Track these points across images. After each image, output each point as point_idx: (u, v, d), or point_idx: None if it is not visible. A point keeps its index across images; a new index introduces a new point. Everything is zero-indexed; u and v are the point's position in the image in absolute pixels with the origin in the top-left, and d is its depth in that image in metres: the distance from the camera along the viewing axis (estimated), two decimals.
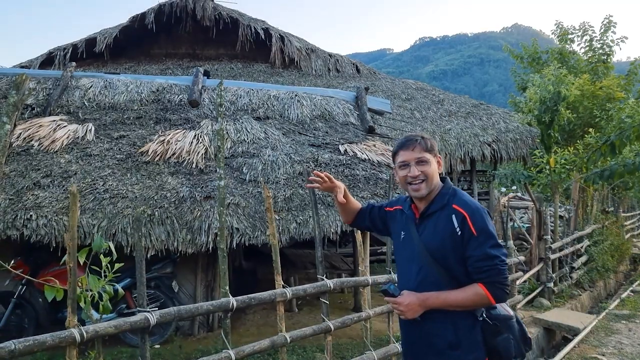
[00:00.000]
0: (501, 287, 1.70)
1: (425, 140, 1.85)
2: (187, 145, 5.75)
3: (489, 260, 1.68)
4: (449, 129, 9.68)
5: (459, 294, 1.70)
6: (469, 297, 1.69)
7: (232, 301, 2.57)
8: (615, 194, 11.92)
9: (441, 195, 1.83)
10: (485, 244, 1.69)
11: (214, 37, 11.50)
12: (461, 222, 1.72)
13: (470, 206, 1.76)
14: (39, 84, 6.70)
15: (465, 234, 1.71)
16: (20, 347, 1.66)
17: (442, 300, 1.72)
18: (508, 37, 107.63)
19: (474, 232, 1.70)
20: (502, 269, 1.69)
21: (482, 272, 1.68)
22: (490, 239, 1.70)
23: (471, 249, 1.70)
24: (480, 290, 1.68)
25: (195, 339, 5.02)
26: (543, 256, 6.49)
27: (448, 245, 1.73)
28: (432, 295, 1.73)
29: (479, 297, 1.69)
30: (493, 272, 1.68)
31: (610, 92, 9.75)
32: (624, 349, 4.85)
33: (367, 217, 2.17)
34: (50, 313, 4.71)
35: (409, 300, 1.75)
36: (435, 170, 1.84)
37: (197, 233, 4.62)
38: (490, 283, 1.68)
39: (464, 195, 1.82)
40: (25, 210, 4.45)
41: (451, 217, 1.74)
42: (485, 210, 1.79)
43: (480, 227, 1.71)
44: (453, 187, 1.86)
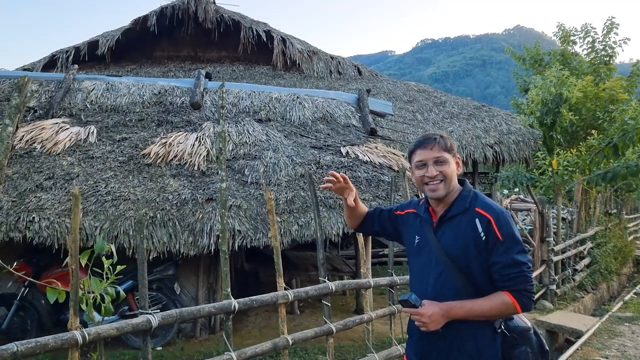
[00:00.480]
0: (528, 295, 1.62)
1: (444, 139, 1.76)
2: (189, 147, 5.76)
3: (516, 267, 1.59)
4: (451, 131, 9.67)
5: (485, 303, 1.61)
6: (495, 306, 1.60)
7: (234, 303, 2.57)
8: (618, 196, 11.88)
9: (462, 198, 1.73)
10: (512, 250, 1.60)
11: (215, 40, 11.54)
12: (486, 226, 1.63)
13: (495, 210, 1.67)
14: (42, 87, 6.73)
15: (490, 239, 1.62)
16: (22, 349, 1.66)
17: (467, 310, 1.62)
18: (510, 39, 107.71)
19: (500, 237, 1.61)
20: (529, 276, 1.61)
21: (509, 279, 1.60)
22: (517, 245, 1.62)
23: (497, 255, 1.61)
24: (507, 298, 1.60)
25: (197, 341, 5.01)
26: (545, 258, 6.46)
27: (471, 250, 1.64)
28: (456, 305, 1.63)
29: (506, 306, 1.60)
30: (520, 279, 1.60)
31: (613, 94, 9.72)
32: (627, 352, 4.83)
33: (376, 221, 2.08)
34: (52, 315, 4.72)
35: (432, 311, 1.63)
36: (454, 171, 1.76)
37: (199, 235, 4.62)
38: (518, 291, 1.60)
39: (485, 198, 1.73)
40: (28, 213, 4.47)
41: (474, 221, 1.65)
42: (509, 214, 1.73)
43: (507, 231, 1.62)
44: (473, 189, 1.78)
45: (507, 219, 1.64)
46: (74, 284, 1.82)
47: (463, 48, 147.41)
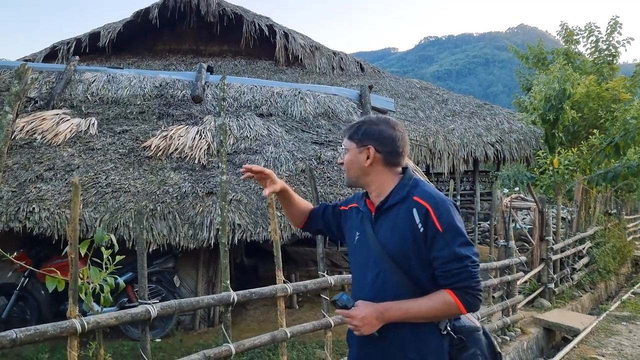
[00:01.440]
0: (473, 294, 1.43)
1: (354, 127, 1.63)
2: (190, 140, 5.76)
3: (458, 261, 1.42)
4: (453, 128, 9.66)
5: (424, 303, 1.44)
6: (436, 307, 1.43)
7: (233, 295, 2.57)
8: (619, 196, 11.88)
9: (400, 187, 1.55)
10: (453, 242, 1.42)
11: (217, 34, 11.51)
12: (424, 216, 1.45)
13: (435, 198, 1.49)
14: (42, 77, 6.72)
15: (429, 230, 1.44)
16: (21, 336, 1.67)
17: (405, 311, 1.45)
18: (514, 38, 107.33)
19: (439, 228, 1.43)
20: (474, 271, 1.43)
21: (451, 275, 1.42)
22: (459, 236, 1.44)
23: (437, 249, 1.44)
24: (449, 297, 1.42)
25: (196, 334, 5.03)
26: (544, 257, 6.47)
27: (410, 245, 1.47)
28: (393, 306, 1.46)
29: (448, 306, 1.43)
30: (463, 275, 1.41)
31: (615, 94, 9.70)
32: (624, 350, 4.84)
33: (320, 218, 1.89)
34: (52, 305, 4.74)
35: (365, 313, 1.47)
36: (351, 162, 1.61)
37: (198, 228, 4.62)
38: (461, 289, 1.42)
39: (426, 186, 1.55)
40: (28, 203, 4.47)
41: (412, 211, 1.47)
42: (452, 202, 1.51)
43: (447, 222, 1.44)
44: (415, 177, 1.60)
45: (448, 208, 1.47)
46: (73, 272, 1.83)
47: (466, 46, 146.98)
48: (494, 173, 11.18)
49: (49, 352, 4.15)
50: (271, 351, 4.24)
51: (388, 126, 1.59)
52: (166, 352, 4.28)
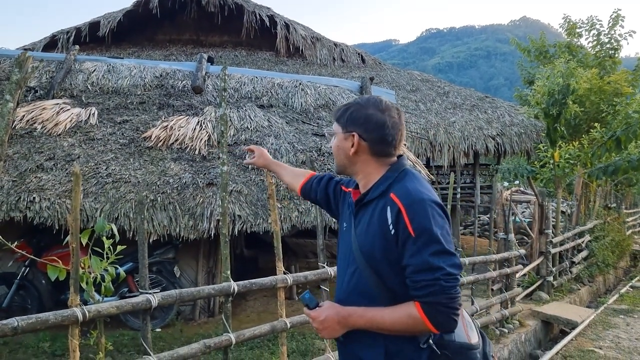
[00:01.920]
0: (444, 311, 1.22)
1: (341, 110, 1.47)
2: (190, 131, 5.74)
3: (429, 272, 1.22)
4: (454, 121, 9.63)
5: (389, 315, 1.27)
6: (400, 321, 1.26)
7: (233, 285, 2.58)
8: (619, 190, 11.89)
9: (382, 180, 1.38)
10: (424, 250, 1.23)
11: (218, 24, 11.42)
12: (396, 217, 1.27)
13: (411, 195, 1.28)
14: (42, 67, 6.68)
15: (400, 233, 1.26)
16: (23, 324, 1.67)
17: (368, 320, 1.30)
18: (516, 30, 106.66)
19: (411, 231, 1.24)
20: (447, 285, 1.21)
21: (420, 287, 1.23)
22: (433, 243, 1.23)
23: (408, 256, 1.25)
24: (414, 312, 1.24)
25: (196, 324, 5.06)
26: (544, 250, 6.49)
27: (379, 246, 1.30)
28: (356, 313, 1.32)
29: (413, 322, 1.24)
30: (434, 289, 1.21)
31: (617, 87, 9.66)
32: (621, 343, 4.87)
33: (323, 189, 1.72)
34: (53, 295, 4.76)
35: (326, 316, 1.35)
36: (339, 148, 1.45)
37: (199, 219, 4.63)
38: (430, 304, 1.22)
39: (411, 181, 1.34)
40: (29, 193, 4.47)
41: (386, 209, 1.30)
42: (434, 202, 1.29)
43: (421, 225, 1.24)
44: (406, 168, 1.39)
45: (425, 208, 1.26)
46: (74, 261, 1.83)
47: (468, 38, 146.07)
48: (495, 166, 11.17)
49: (50, 341, 4.18)
50: (271, 341, 4.27)
51: (377, 110, 1.40)
52: (166, 342, 4.31)
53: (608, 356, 4.47)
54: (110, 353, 3.83)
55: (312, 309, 1.38)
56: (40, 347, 4.10)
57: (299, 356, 4.02)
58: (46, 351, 4.03)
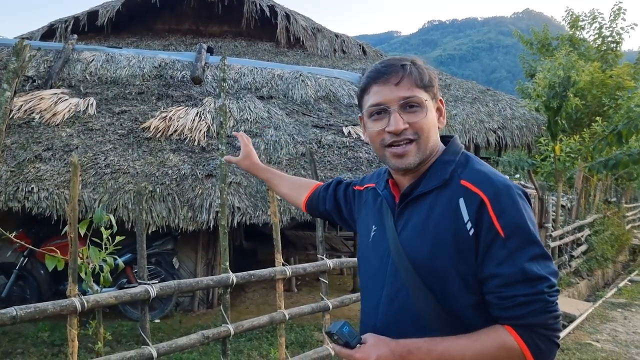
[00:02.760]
0: (549, 336, 0.92)
1: (418, 68, 1.06)
2: (189, 122, 5.71)
3: (529, 283, 0.92)
4: (455, 114, 9.58)
5: (469, 346, 0.94)
6: (487, 352, 0.93)
7: (232, 277, 2.58)
8: (619, 184, 11.89)
9: (441, 164, 1.05)
10: (521, 254, 0.93)
11: (218, 14, 11.30)
12: (476, 212, 0.96)
13: (495, 183, 0.98)
14: (40, 56, 6.63)
15: (482, 233, 0.95)
16: (21, 313, 1.67)
17: (438, 356, 0.95)
18: (518, 23, 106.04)
19: (500, 230, 0.94)
20: (552, 300, 0.93)
21: (516, 306, 0.92)
22: (531, 245, 0.94)
23: (494, 263, 0.94)
24: (509, 339, 0.92)
25: (195, 315, 5.08)
26: (543, 244, 6.49)
27: (447, 254, 0.98)
28: (420, 347, 0.97)
29: (506, 353, 0.92)
30: (536, 306, 0.91)
31: (619, 81, 9.62)
32: (619, 337, 4.89)
33: (331, 197, 1.39)
34: (51, 285, 4.77)
35: (376, 356, 0.97)
36: (433, 123, 1.08)
37: (198, 211, 4.62)
38: (529, 327, 0.92)
39: (483, 165, 1.04)
40: (27, 183, 4.46)
41: (457, 202, 0.98)
42: (521, 191, 1.00)
43: (513, 221, 0.95)
44: (465, 151, 1.10)
45: (515, 200, 0.96)
46: (72, 251, 1.82)
47: (470, 30, 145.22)
48: (495, 159, 11.15)
49: (48, 331, 4.19)
50: (269, 333, 4.28)
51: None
52: (165, 333, 4.33)
53: (605, 349, 4.49)
54: (109, 343, 3.84)
55: (354, 347, 0.99)
56: (39, 336, 4.11)
57: (298, 347, 4.03)
58: (45, 341, 4.05)
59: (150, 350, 2.09)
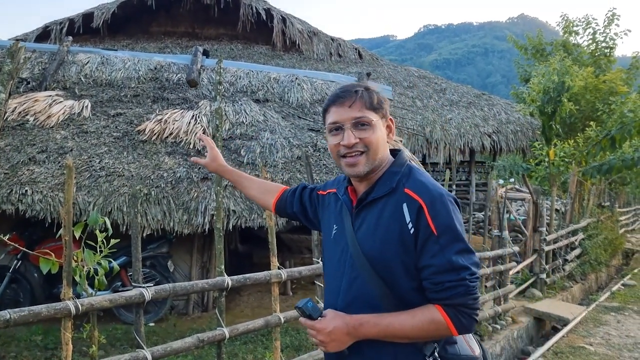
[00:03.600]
0: (469, 313, 1.17)
1: (369, 93, 1.28)
2: (185, 125, 5.70)
3: (454, 272, 1.15)
4: (450, 118, 9.64)
5: (408, 321, 1.18)
6: (421, 326, 1.17)
7: (227, 280, 2.57)
8: (612, 188, 11.98)
9: (390, 175, 1.28)
10: (449, 249, 1.17)
11: (214, 16, 11.33)
12: (416, 214, 1.19)
13: (431, 191, 1.21)
14: (35, 58, 6.60)
15: (420, 232, 1.18)
16: (15, 316, 1.65)
17: (383, 328, 1.18)
18: (513, 28, 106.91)
19: (434, 230, 1.17)
20: (472, 285, 1.17)
21: (444, 289, 1.16)
22: (457, 242, 1.18)
23: (429, 256, 1.17)
24: (438, 315, 1.16)
25: (189, 319, 5.05)
26: (537, 248, 6.53)
27: (395, 248, 1.20)
28: (369, 321, 1.20)
29: (435, 326, 1.16)
30: (459, 290, 1.15)
31: (613, 86, 9.71)
32: (612, 340, 4.92)
33: (297, 200, 1.61)
34: (45, 288, 4.73)
35: (334, 327, 1.20)
36: (382, 139, 1.28)
37: (193, 214, 4.61)
38: (454, 306, 1.16)
39: (422, 176, 1.27)
40: (21, 185, 4.42)
41: (401, 206, 1.21)
42: (452, 198, 1.24)
43: (444, 222, 1.18)
44: (409, 163, 1.32)
45: (446, 205, 1.19)
46: (67, 254, 1.81)
47: (465, 35, 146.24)
48: (490, 164, 11.21)
49: (42, 335, 4.15)
50: (264, 336, 4.27)
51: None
52: (160, 336, 4.30)
53: (598, 352, 4.52)
54: (103, 346, 3.81)
55: (316, 319, 1.22)
56: (32, 340, 4.07)
57: (293, 351, 4.02)
58: (38, 345, 4.01)
59: (145, 353, 2.08)
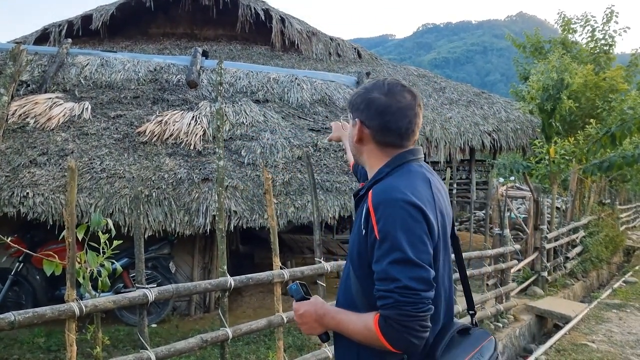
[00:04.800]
0: (398, 329, 1.08)
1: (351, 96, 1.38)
2: (185, 126, 5.71)
3: (386, 282, 1.10)
4: (450, 117, 9.63)
5: (352, 321, 1.19)
6: (358, 329, 1.16)
7: (230, 280, 2.57)
8: (613, 186, 11.98)
9: (377, 174, 1.27)
10: (385, 257, 1.10)
11: (213, 17, 11.31)
12: (366, 218, 1.17)
13: (382, 194, 1.16)
14: (35, 60, 6.60)
15: (369, 236, 1.16)
16: (20, 318, 1.66)
17: (337, 322, 1.22)
18: (512, 26, 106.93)
19: (377, 235, 1.13)
20: (402, 300, 1.07)
21: (378, 297, 1.12)
22: (394, 251, 1.09)
23: (373, 260, 1.15)
24: (370, 323, 1.12)
25: (191, 320, 5.06)
26: (538, 246, 6.53)
27: (355, 248, 1.24)
28: (329, 313, 1.25)
29: (368, 333, 1.13)
30: (387, 301, 1.09)
31: (613, 84, 9.71)
32: (614, 337, 4.93)
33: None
34: (47, 291, 4.73)
35: (304, 310, 1.27)
36: (350, 136, 1.36)
37: (194, 215, 4.61)
38: (385, 318, 1.10)
39: (399, 178, 1.21)
40: (22, 188, 4.43)
41: (363, 209, 1.22)
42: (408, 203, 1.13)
43: (385, 229, 1.11)
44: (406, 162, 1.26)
45: (392, 209, 1.12)
46: (70, 256, 1.81)
47: (464, 34, 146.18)
48: (490, 162, 11.21)
49: (45, 337, 4.15)
50: (267, 337, 4.27)
51: (380, 93, 1.25)
52: (162, 337, 4.30)
53: (601, 350, 4.52)
54: (106, 348, 3.81)
55: (297, 301, 1.32)
56: (35, 342, 4.08)
57: (296, 351, 4.02)
58: (41, 347, 4.01)
59: (149, 354, 2.08)
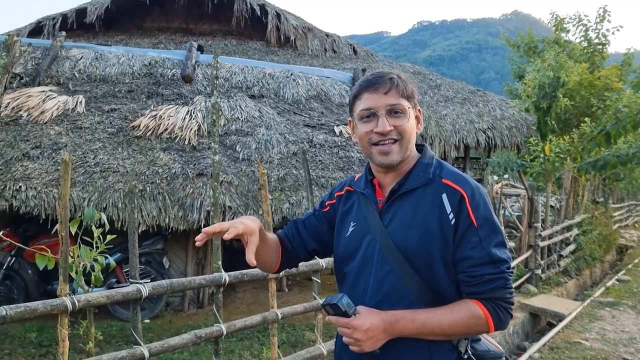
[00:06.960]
0: (506, 308, 1.14)
1: (403, 81, 1.23)
2: (180, 121, 5.66)
3: (493, 265, 1.12)
4: (445, 114, 9.65)
5: (446, 316, 1.12)
6: (460, 322, 1.12)
7: (225, 276, 2.56)
8: (606, 184, 12.07)
9: (422, 166, 1.23)
10: (488, 241, 1.13)
11: (208, 12, 11.23)
12: (458, 205, 1.14)
13: (470, 183, 1.18)
14: (28, 53, 6.51)
15: (461, 223, 1.14)
16: (11, 313, 1.63)
17: (421, 324, 1.12)
18: (507, 24, 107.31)
19: (474, 221, 1.13)
20: (509, 279, 1.15)
21: (482, 282, 1.12)
22: (497, 234, 1.15)
23: (467, 248, 1.13)
24: (477, 310, 1.12)
25: (185, 315, 5.03)
26: (532, 243, 6.56)
27: (435, 240, 1.14)
28: (405, 317, 1.12)
29: (475, 322, 1.12)
30: (498, 283, 1.12)
31: (608, 82, 9.76)
32: (607, 335, 4.97)
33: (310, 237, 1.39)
34: (39, 285, 4.69)
35: (371, 323, 1.10)
36: (413, 128, 1.23)
37: (188, 210, 4.58)
38: (492, 300, 1.12)
39: (454, 168, 1.26)
40: (15, 181, 4.38)
41: (441, 197, 1.16)
42: (485, 191, 1.22)
43: (484, 214, 1.14)
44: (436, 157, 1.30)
45: (485, 198, 1.18)
46: (63, 250, 1.79)
47: (459, 32, 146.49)
48: (485, 160, 11.25)
49: (36, 332, 4.12)
50: (260, 333, 4.26)
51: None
52: (155, 333, 4.28)
53: (594, 348, 4.56)
54: (99, 343, 3.78)
55: (351, 316, 1.12)
56: (27, 337, 4.04)
57: (289, 347, 4.02)
58: (33, 342, 3.98)
59: (142, 350, 2.06)
